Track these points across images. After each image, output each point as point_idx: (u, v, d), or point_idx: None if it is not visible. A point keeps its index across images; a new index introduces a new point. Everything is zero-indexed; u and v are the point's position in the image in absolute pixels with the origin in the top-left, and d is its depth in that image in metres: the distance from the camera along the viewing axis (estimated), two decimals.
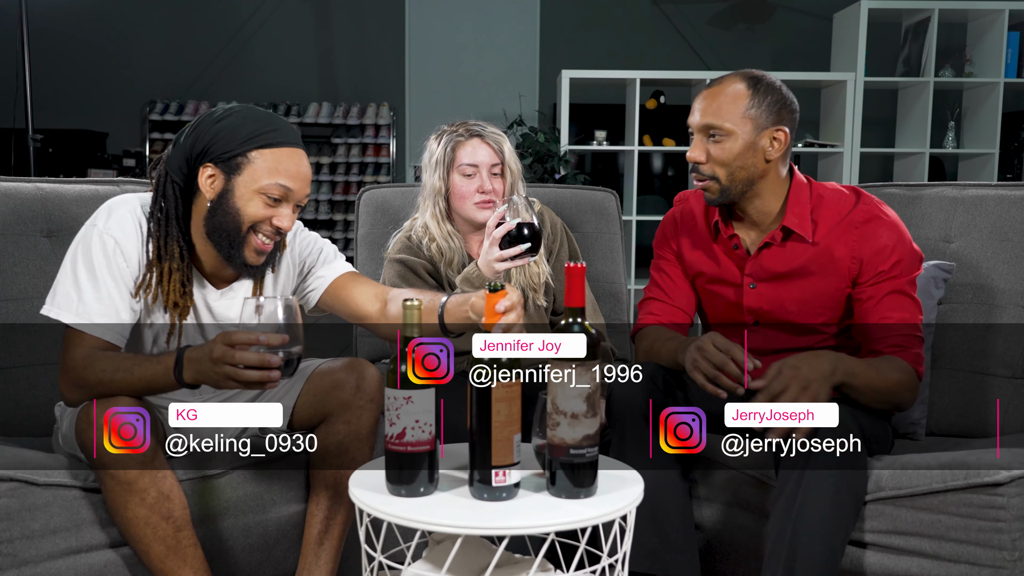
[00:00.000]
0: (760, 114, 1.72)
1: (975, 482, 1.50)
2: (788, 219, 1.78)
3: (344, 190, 7.64)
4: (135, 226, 1.62)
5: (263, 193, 1.56)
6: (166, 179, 1.62)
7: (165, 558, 1.55)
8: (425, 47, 6.27)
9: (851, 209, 1.78)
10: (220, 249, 1.61)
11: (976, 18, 5.41)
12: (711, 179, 1.76)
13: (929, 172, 5.47)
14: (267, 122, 1.58)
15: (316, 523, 1.73)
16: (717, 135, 1.73)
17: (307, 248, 1.82)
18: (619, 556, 1.33)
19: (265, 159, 1.56)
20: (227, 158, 1.56)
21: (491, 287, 1.30)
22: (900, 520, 1.56)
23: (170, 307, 1.63)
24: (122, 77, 7.80)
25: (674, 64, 7.47)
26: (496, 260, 1.84)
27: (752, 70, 1.78)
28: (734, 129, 1.72)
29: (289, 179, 1.57)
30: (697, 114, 1.76)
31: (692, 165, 1.78)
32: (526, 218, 1.81)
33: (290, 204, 1.59)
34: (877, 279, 1.74)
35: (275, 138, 1.57)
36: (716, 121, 1.72)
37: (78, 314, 1.56)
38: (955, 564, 1.53)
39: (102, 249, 1.58)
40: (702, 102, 1.75)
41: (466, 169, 2.02)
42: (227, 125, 1.57)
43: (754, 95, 1.72)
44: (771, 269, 1.81)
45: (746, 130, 1.72)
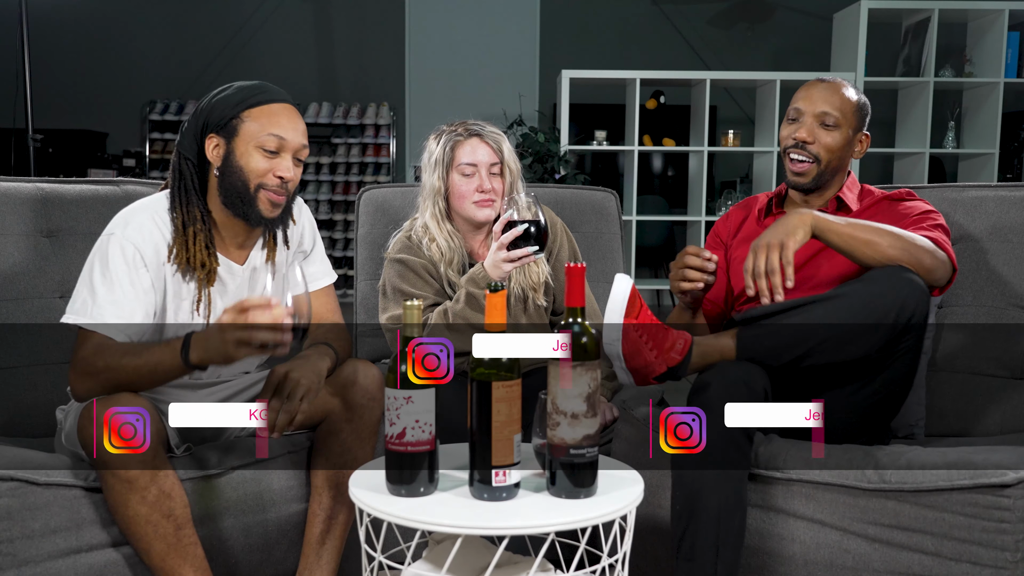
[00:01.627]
0: (860, 117, 1.90)
1: (982, 482, 1.49)
2: (842, 192, 1.93)
3: (344, 190, 7.65)
4: (154, 227, 1.66)
5: (260, 147, 1.65)
6: (180, 160, 1.70)
7: (166, 556, 1.55)
8: (425, 47, 6.27)
9: (891, 192, 1.94)
10: (236, 211, 1.68)
11: (976, 18, 5.41)
12: (813, 161, 1.88)
13: (929, 172, 5.48)
14: (256, 87, 1.69)
15: (318, 523, 1.73)
16: (831, 123, 1.86)
17: (309, 231, 1.90)
18: (619, 556, 1.33)
19: (256, 117, 1.65)
20: (224, 123, 1.66)
21: (491, 287, 1.30)
22: (903, 515, 1.56)
23: (197, 268, 1.67)
24: (122, 77, 7.80)
25: (674, 64, 7.48)
26: (504, 261, 1.86)
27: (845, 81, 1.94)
28: (844, 122, 1.87)
29: (280, 129, 1.65)
30: (811, 101, 1.88)
31: (795, 143, 1.88)
32: (532, 217, 1.83)
33: (288, 155, 1.67)
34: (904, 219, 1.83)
35: (263, 97, 1.67)
36: (833, 110, 1.86)
37: (91, 316, 1.58)
38: (956, 563, 1.53)
39: (121, 256, 1.62)
40: (822, 91, 1.88)
41: (465, 168, 2.02)
42: (222, 97, 1.68)
43: (859, 100, 1.90)
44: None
45: (851, 127, 1.88)
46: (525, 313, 2.08)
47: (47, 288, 2.01)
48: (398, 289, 2.05)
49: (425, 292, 2.04)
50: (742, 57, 7.74)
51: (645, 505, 1.75)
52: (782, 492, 1.65)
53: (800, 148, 1.88)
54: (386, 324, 2.06)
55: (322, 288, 1.89)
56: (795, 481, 1.64)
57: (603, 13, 7.88)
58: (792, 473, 1.63)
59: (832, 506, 1.61)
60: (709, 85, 5.32)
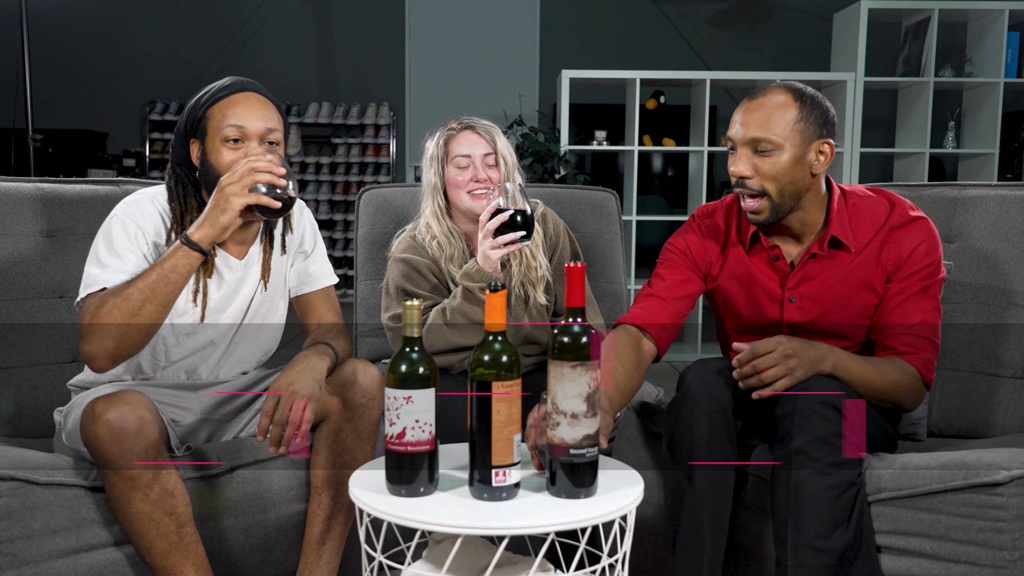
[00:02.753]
0: (808, 127, 1.67)
1: (975, 482, 1.50)
2: (834, 228, 1.74)
3: (344, 190, 7.65)
4: (155, 210, 1.70)
5: (224, 140, 1.66)
6: (174, 167, 1.74)
7: (167, 554, 1.55)
8: (425, 47, 6.27)
9: (887, 216, 1.76)
10: None
11: (976, 18, 5.41)
12: (760, 195, 1.69)
13: (929, 172, 5.47)
14: (222, 84, 1.71)
15: (318, 523, 1.73)
16: (766, 149, 1.66)
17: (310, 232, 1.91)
18: (619, 556, 1.33)
19: (217, 111, 1.68)
20: (195, 125, 1.69)
21: (492, 287, 1.30)
22: (900, 521, 1.56)
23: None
24: (122, 77, 7.80)
25: (674, 64, 7.48)
26: (492, 248, 1.86)
27: (792, 82, 1.72)
28: (783, 142, 1.66)
29: (237, 119, 1.66)
30: (740, 127, 1.68)
31: (737, 180, 1.70)
32: (519, 205, 1.84)
33: (252, 142, 1.67)
34: (909, 277, 1.74)
35: (223, 93, 1.69)
36: (764, 134, 1.66)
37: (100, 281, 1.60)
38: (955, 564, 1.53)
39: (124, 232, 1.65)
40: (746, 114, 1.68)
41: (460, 161, 2.03)
42: (194, 100, 1.71)
43: (801, 107, 1.67)
44: (816, 280, 1.77)
45: (795, 143, 1.66)
46: (527, 312, 2.08)
47: (47, 288, 2.01)
48: (401, 288, 2.05)
49: (428, 292, 2.04)
50: (742, 57, 7.74)
51: (645, 505, 1.75)
52: None
53: (742, 186, 1.70)
54: (388, 323, 2.07)
55: (322, 289, 1.89)
56: None
57: (603, 13, 7.87)
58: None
59: None
60: (709, 85, 5.32)
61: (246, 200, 1.56)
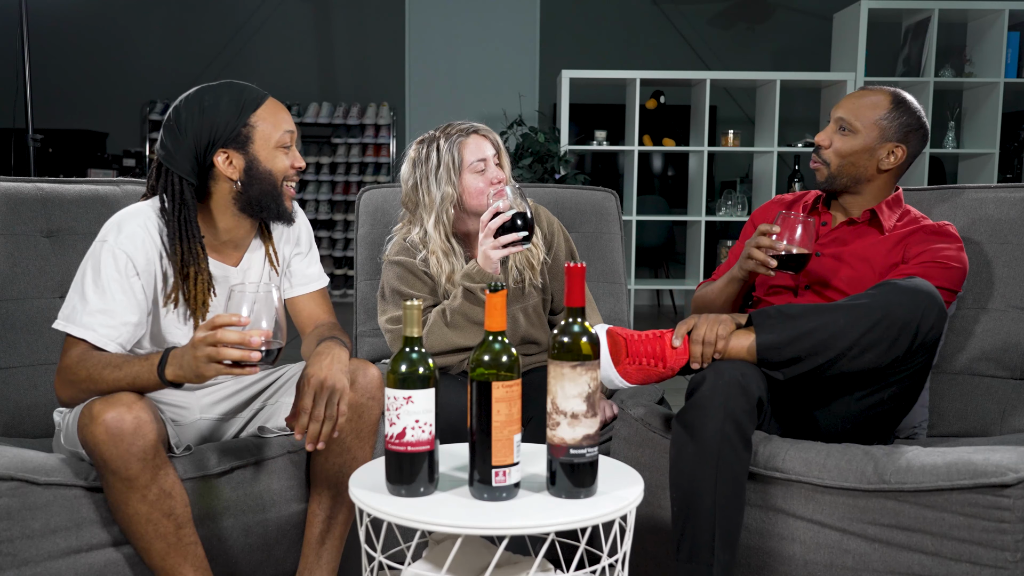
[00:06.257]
0: (890, 127, 1.88)
1: (983, 482, 1.49)
2: (878, 207, 1.92)
3: (344, 190, 7.65)
4: (146, 235, 1.65)
5: (280, 145, 1.68)
6: (181, 184, 1.66)
7: (166, 555, 1.55)
8: (425, 47, 6.27)
9: (929, 222, 1.92)
10: (260, 213, 1.71)
11: (976, 18, 5.42)
12: (824, 164, 1.92)
13: (929, 172, 5.48)
14: (239, 90, 1.68)
15: (318, 522, 1.73)
16: (846, 129, 1.89)
17: (305, 233, 1.90)
18: (619, 556, 1.33)
19: (263, 118, 1.67)
20: (235, 135, 1.65)
21: (492, 287, 1.30)
22: (903, 515, 1.56)
23: (198, 307, 1.68)
24: (122, 77, 7.80)
25: (674, 64, 7.48)
26: (492, 248, 1.87)
27: (899, 90, 1.93)
28: (861, 129, 1.88)
29: (287, 123, 1.70)
30: (838, 107, 1.93)
31: (816, 147, 1.94)
32: (520, 207, 1.85)
33: (294, 144, 1.72)
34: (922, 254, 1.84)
35: (255, 97, 1.68)
36: (850, 117, 1.89)
37: (80, 323, 1.58)
38: (956, 563, 1.53)
39: (113, 263, 1.61)
40: (848, 99, 1.93)
41: (477, 166, 2.02)
42: (215, 111, 1.64)
43: (892, 110, 1.89)
44: (846, 247, 1.92)
45: (871, 135, 1.88)
46: (522, 295, 2.08)
47: (47, 288, 2.01)
48: (396, 291, 2.05)
49: (424, 293, 2.04)
50: (742, 57, 7.74)
51: (645, 505, 1.75)
52: (782, 492, 1.65)
53: (817, 152, 1.95)
54: (385, 326, 2.06)
55: (317, 290, 1.90)
56: (795, 481, 1.64)
57: (603, 13, 7.88)
58: (792, 473, 1.63)
59: (832, 506, 1.61)
60: (709, 85, 5.33)
61: (216, 369, 1.44)
